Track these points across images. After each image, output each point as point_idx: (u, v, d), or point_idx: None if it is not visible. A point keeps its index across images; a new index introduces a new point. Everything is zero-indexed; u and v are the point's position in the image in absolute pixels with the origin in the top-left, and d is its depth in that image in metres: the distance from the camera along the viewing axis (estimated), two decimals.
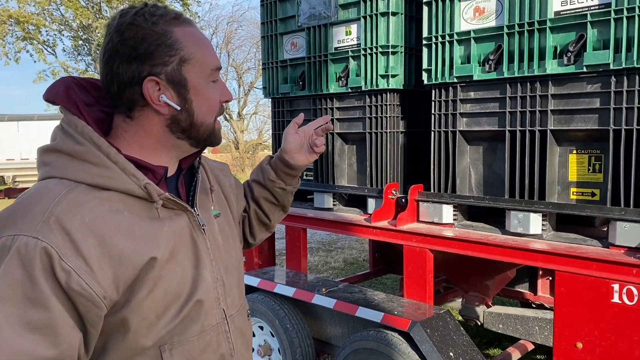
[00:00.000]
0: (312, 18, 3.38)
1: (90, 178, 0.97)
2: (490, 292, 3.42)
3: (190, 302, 1.05)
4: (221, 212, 1.25)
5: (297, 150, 1.43)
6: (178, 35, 1.04)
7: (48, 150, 1.02)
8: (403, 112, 3.18)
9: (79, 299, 0.90)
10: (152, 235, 1.00)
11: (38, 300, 0.87)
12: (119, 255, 0.94)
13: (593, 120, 2.35)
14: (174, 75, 1.04)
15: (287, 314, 3.08)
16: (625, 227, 2.23)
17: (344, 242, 8.04)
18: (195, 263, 1.08)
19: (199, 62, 1.07)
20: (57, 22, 20.45)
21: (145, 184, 1.00)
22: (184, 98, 1.06)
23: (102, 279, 0.92)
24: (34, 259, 0.87)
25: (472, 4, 2.64)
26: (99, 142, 0.99)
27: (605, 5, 2.26)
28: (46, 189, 0.96)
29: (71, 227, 0.91)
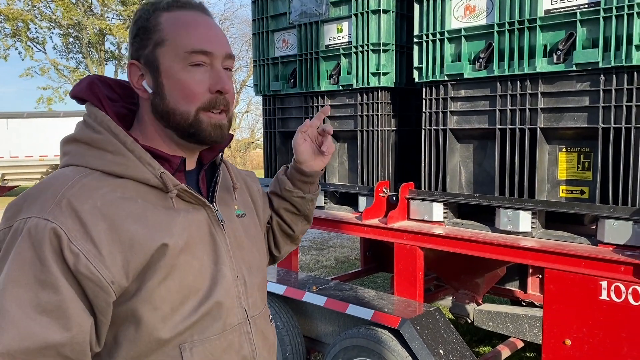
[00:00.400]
0: (304, 15, 3.37)
1: (105, 165, 0.98)
2: (481, 290, 3.44)
3: (209, 299, 1.02)
4: (247, 213, 1.23)
5: (310, 158, 1.37)
6: (162, 18, 1.04)
7: (69, 140, 1.04)
8: (394, 110, 3.19)
9: (87, 282, 0.89)
10: (165, 223, 0.99)
11: (48, 282, 0.86)
12: (130, 240, 0.93)
13: (582, 118, 2.36)
14: (149, 57, 1.04)
15: (278, 311, 3.08)
16: (613, 224, 2.24)
17: (335, 240, 8.05)
18: (215, 259, 1.06)
19: (173, 44, 1.02)
20: (47, 20, 20.29)
21: (160, 173, 1.00)
22: (156, 81, 1.04)
23: (110, 264, 0.91)
24: (43, 240, 0.87)
25: (463, 2, 2.64)
26: (116, 130, 1.00)
27: (594, 4, 2.27)
28: (62, 175, 0.97)
29: (82, 210, 0.91)
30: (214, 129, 1.06)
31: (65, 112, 15.48)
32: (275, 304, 3.11)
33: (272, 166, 3.75)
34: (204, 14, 1.08)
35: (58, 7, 18.94)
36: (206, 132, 1.05)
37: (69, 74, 21.88)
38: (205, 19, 1.07)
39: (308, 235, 8.38)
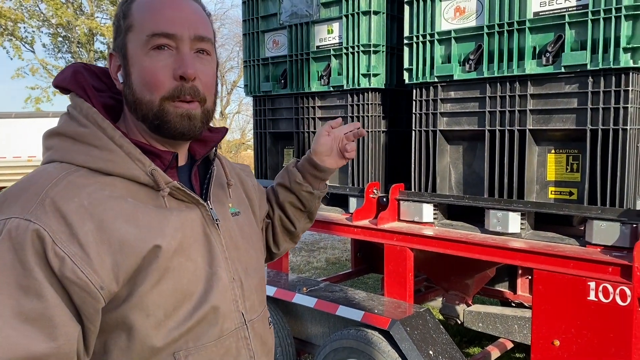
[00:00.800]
0: (294, 16, 3.37)
1: (92, 162, 0.92)
2: (471, 291, 3.45)
3: (205, 304, 0.96)
4: (242, 211, 1.17)
5: (327, 153, 1.35)
6: (135, 3, 0.97)
7: (52, 134, 0.96)
8: (384, 111, 3.19)
9: (74, 288, 0.83)
10: (157, 223, 0.92)
11: (31, 288, 0.80)
12: (120, 242, 0.87)
13: (571, 120, 2.37)
14: (120, 46, 0.98)
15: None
16: (601, 226, 2.26)
17: (326, 241, 8.04)
18: (209, 260, 1.00)
19: (138, 27, 0.95)
20: (36, 19, 20.13)
21: (151, 170, 0.93)
22: (125, 70, 0.98)
23: (99, 267, 0.85)
24: (25, 243, 0.80)
25: (453, 4, 2.65)
26: (103, 124, 0.93)
27: (582, 7, 2.29)
28: (44, 172, 0.90)
29: (68, 210, 0.84)
30: (181, 120, 0.96)
31: (54, 113, 15.33)
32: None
33: (263, 167, 3.74)
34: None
35: (49, 6, 18.78)
36: (171, 124, 0.96)
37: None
38: (177, 0, 0.98)
39: None
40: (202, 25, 0.99)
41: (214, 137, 1.11)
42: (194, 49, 0.97)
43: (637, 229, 2.16)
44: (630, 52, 2.18)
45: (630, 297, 2.07)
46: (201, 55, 0.99)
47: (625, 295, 2.08)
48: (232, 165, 1.26)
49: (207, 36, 1.00)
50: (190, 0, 1.00)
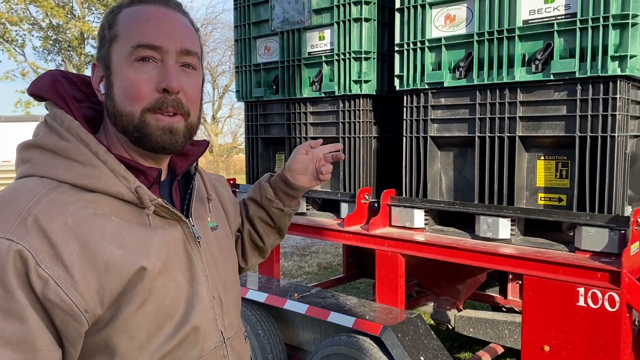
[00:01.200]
0: (286, 23, 3.38)
1: (75, 178, 0.88)
2: (462, 296, 3.46)
3: (186, 324, 0.94)
4: (219, 225, 1.15)
5: (302, 172, 1.33)
6: (122, 14, 0.95)
7: (29, 146, 0.92)
8: (376, 117, 3.20)
9: (57, 311, 0.80)
10: (142, 244, 0.90)
11: (13, 311, 0.77)
12: (105, 263, 0.84)
13: (560, 127, 2.40)
14: (104, 56, 0.96)
15: (259, 319, 3.06)
16: (590, 232, 2.28)
17: (318, 246, 8.04)
18: (190, 279, 0.97)
19: (122, 38, 0.93)
20: (26, 21, 20.00)
21: (136, 188, 0.91)
22: (107, 81, 0.95)
23: (84, 290, 0.81)
24: (6, 264, 0.77)
25: (443, 12, 2.67)
26: (86, 138, 0.90)
27: (571, 15, 2.31)
28: (24, 188, 0.86)
29: (51, 229, 0.81)
30: (163, 133, 0.94)
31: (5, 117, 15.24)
32: (257, 312, 3.10)
33: (254, 172, 3.74)
34: (168, 7, 0.97)
35: (43, 9, 18.65)
36: (152, 137, 0.93)
37: None
38: (163, 12, 0.96)
39: (290, 241, 8.36)
40: (189, 39, 0.97)
41: (195, 151, 1.09)
42: (179, 62, 0.95)
43: (625, 235, 2.18)
44: (617, 60, 2.21)
45: (619, 303, 2.09)
46: (187, 69, 0.97)
47: (614, 301, 2.10)
48: (209, 176, 1.24)
49: (194, 50, 0.98)
50: (178, 14, 0.99)
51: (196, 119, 1.00)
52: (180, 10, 1.00)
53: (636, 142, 2.57)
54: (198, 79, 1.00)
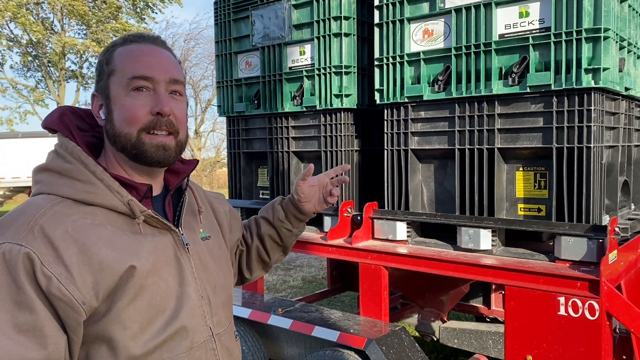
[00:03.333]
0: (266, 38, 3.40)
1: (76, 194, 1.03)
2: (445, 307, 3.47)
3: (176, 320, 1.07)
4: (212, 235, 1.28)
5: (307, 200, 1.49)
6: (116, 52, 1.12)
7: (40, 169, 1.09)
8: (357, 131, 3.22)
9: (59, 303, 0.94)
10: (133, 247, 1.04)
11: (24, 303, 0.92)
12: (100, 263, 0.98)
13: (537, 138, 2.44)
14: (103, 88, 1.12)
15: (243, 335, 3.03)
16: (569, 241, 2.31)
17: (303, 260, 8.01)
18: (180, 280, 1.11)
19: (119, 72, 1.10)
20: (6, 39, 19.80)
21: (128, 201, 1.06)
22: (107, 108, 1.11)
23: (81, 285, 0.96)
24: (17, 264, 0.92)
25: (421, 26, 2.72)
26: (86, 160, 1.06)
27: (545, 29, 2.37)
28: (34, 203, 1.02)
29: (54, 235, 0.96)
30: (157, 150, 1.10)
31: (23, 133, 15.06)
32: (241, 327, 3.07)
33: (237, 187, 3.73)
34: (155, 45, 1.15)
35: (22, 26, 18.48)
36: (148, 153, 1.10)
37: (28, 93, 21.35)
38: (153, 49, 1.13)
39: None
40: (175, 70, 1.15)
41: (186, 169, 1.25)
42: (168, 90, 1.12)
43: (604, 244, 2.22)
44: (591, 72, 2.26)
45: (599, 311, 2.11)
46: (174, 95, 1.14)
47: (594, 310, 2.13)
48: (205, 193, 1.38)
49: (180, 79, 1.15)
50: (165, 50, 1.16)
51: (184, 137, 1.17)
52: (166, 47, 1.18)
53: (612, 152, 2.62)
54: (184, 104, 1.18)
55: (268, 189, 3.55)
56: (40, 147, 12.34)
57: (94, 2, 19.63)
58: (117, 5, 19.46)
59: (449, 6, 2.60)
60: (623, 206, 2.83)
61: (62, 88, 21.20)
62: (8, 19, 18.40)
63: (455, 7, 2.58)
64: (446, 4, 2.62)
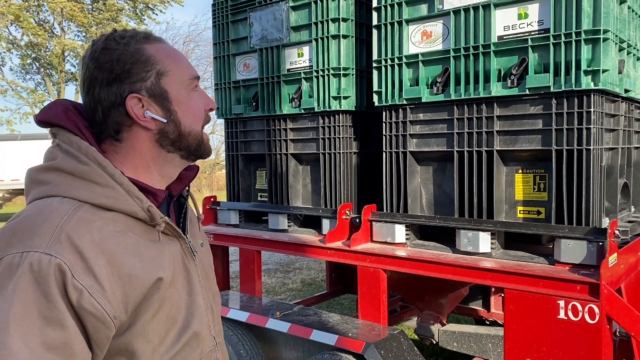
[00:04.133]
0: (265, 40, 3.38)
1: (95, 198, 0.97)
2: (445, 310, 3.46)
3: (188, 330, 1.05)
4: (203, 241, 1.27)
5: None
6: (151, 51, 1.06)
7: (47, 168, 1.00)
8: (356, 133, 3.21)
9: (90, 318, 0.88)
10: (157, 257, 1.00)
11: (55, 319, 0.85)
12: (129, 275, 0.94)
13: (536, 140, 2.42)
14: (154, 89, 1.06)
15: (241, 339, 3.01)
16: (569, 244, 2.29)
17: (302, 262, 7.99)
18: (189, 290, 1.09)
19: (176, 73, 1.08)
20: (5, 41, 19.81)
21: (148, 207, 1.01)
22: (168, 110, 1.07)
23: (112, 299, 0.91)
24: (48, 276, 0.86)
25: (420, 28, 2.70)
26: (103, 162, 0.99)
27: (544, 31, 2.35)
28: (51, 207, 0.94)
29: (82, 245, 0.90)
30: (208, 142, 1.16)
31: (23, 135, 15.06)
32: (239, 331, 3.05)
33: (235, 189, 3.71)
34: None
35: (25, 30, 18.49)
36: (207, 147, 1.15)
37: (28, 95, 21.36)
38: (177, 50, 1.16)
39: (274, 257, 8.30)
40: None
41: (188, 175, 1.21)
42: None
43: (603, 247, 2.20)
44: (590, 74, 2.25)
45: (599, 315, 2.10)
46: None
47: (594, 313, 2.11)
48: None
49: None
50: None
51: None
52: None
53: (611, 155, 2.61)
54: None
55: (266, 191, 3.54)
56: (40, 149, 12.32)
57: (92, 4, 19.61)
58: (118, 7, 19.45)
59: (448, 8, 2.59)
60: (623, 209, 2.82)
61: (62, 90, 21.20)
62: (9, 22, 18.41)
63: (453, 9, 2.57)
64: (445, 5, 2.60)
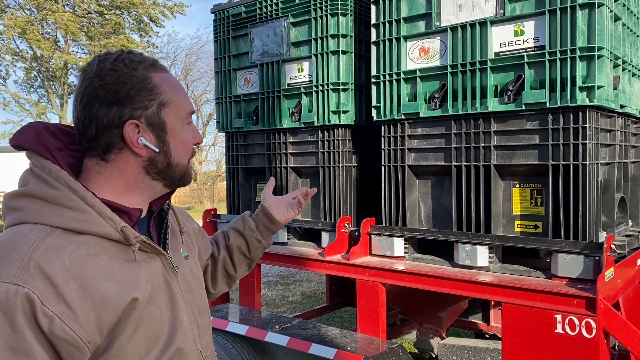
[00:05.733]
0: (265, 55, 3.43)
1: (66, 222, 0.96)
2: (444, 323, 3.46)
3: (171, 347, 1.05)
4: (190, 254, 1.26)
5: (276, 207, 1.54)
6: (157, 80, 1.08)
7: (19, 195, 1.00)
8: (355, 147, 3.24)
9: (62, 344, 0.88)
10: (132, 277, 1.00)
11: (21, 349, 0.85)
12: (102, 297, 0.93)
13: (533, 155, 2.45)
14: (153, 118, 1.07)
15: (240, 352, 3.02)
16: (566, 258, 2.31)
17: (302, 275, 7.98)
18: (172, 305, 1.08)
19: (177, 106, 1.11)
20: (11, 53, 19.97)
21: (122, 227, 1.00)
22: (162, 140, 1.09)
23: (85, 323, 0.90)
24: (15, 306, 0.85)
25: (418, 44, 2.74)
26: (74, 186, 0.98)
27: (540, 48, 2.39)
28: (21, 235, 0.94)
29: (52, 271, 0.89)
30: (191, 173, 1.19)
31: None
32: (238, 344, 3.05)
33: (235, 202, 3.73)
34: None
35: (30, 42, 18.63)
36: (189, 177, 1.17)
37: (31, 108, 21.49)
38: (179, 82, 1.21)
39: (274, 269, 8.29)
40: None
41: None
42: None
43: (600, 262, 2.21)
44: (586, 90, 2.28)
45: (596, 329, 2.11)
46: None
47: (591, 328, 2.12)
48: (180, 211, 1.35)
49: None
50: None
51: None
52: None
53: (608, 169, 2.63)
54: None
55: None
56: None
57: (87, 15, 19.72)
58: (116, 21, 19.55)
59: (445, 25, 2.63)
60: (620, 223, 2.83)
61: (66, 103, 21.30)
62: (17, 35, 18.56)
63: (451, 26, 2.61)
64: (442, 22, 2.64)
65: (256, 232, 1.51)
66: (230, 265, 1.52)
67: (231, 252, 1.51)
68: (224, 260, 1.51)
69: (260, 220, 1.53)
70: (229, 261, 1.52)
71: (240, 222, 1.54)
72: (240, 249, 1.51)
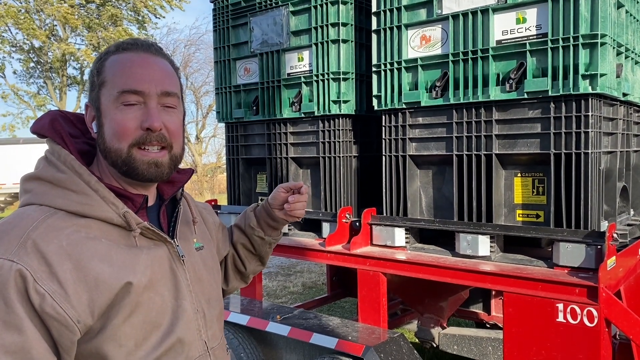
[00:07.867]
0: (265, 44, 3.40)
1: (69, 205, 0.99)
2: (445, 313, 3.46)
3: (171, 335, 1.05)
4: (205, 245, 1.25)
5: (279, 207, 1.43)
6: (108, 61, 1.06)
7: (30, 178, 1.04)
8: (355, 137, 3.22)
9: (52, 322, 0.90)
10: (129, 262, 1.00)
11: (12, 323, 0.87)
12: (95, 279, 0.95)
13: (535, 144, 2.43)
14: (94, 100, 1.07)
15: (241, 342, 3.02)
16: (567, 247, 2.30)
17: (303, 265, 7.99)
18: (175, 294, 1.08)
19: (109, 84, 1.05)
20: (8, 44, 19.88)
21: (124, 213, 1.02)
22: (98, 122, 1.07)
23: (76, 303, 0.92)
24: (8, 281, 0.88)
25: (419, 33, 2.72)
26: (80, 170, 1.02)
27: (542, 35, 2.37)
28: (25, 215, 0.98)
29: (47, 250, 0.92)
30: (149, 167, 1.05)
31: (24, 139, 15.12)
32: (239, 334, 3.06)
33: (235, 193, 3.73)
34: (149, 53, 1.09)
35: (24, 31, 18.52)
36: (140, 170, 1.05)
37: (30, 99, 21.44)
38: (146, 58, 1.07)
39: (275, 260, 8.30)
40: (169, 81, 1.08)
41: (181, 178, 1.20)
42: (161, 103, 1.06)
43: (602, 250, 2.21)
44: (588, 78, 2.26)
45: (597, 318, 2.10)
46: (166, 109, 1.08)
47: (593, 317, 2.12)
48: (195, 203, 1.34)
49: (173, 91, 1.09)
50: (159, 57, 1.10)
51: (179, 150, 1.11)
52: (161, 53, 1.11)
53: (610, 158, 2.62)
54: (179, 115, 1.12)
55: (267, 195, 3.54)
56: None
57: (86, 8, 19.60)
58: (112, 12, 19.39)
59: (447, 12, 2.60)
60: (622, 212, 2.82)
61: (64, 94, 21.25)
62: (10, 25, 18.45)
63: (452, 14, 2.58)
64: (443, 10, 2.62)
65: (257, 229, 1.46)
66: (238, 261, 1.49)
67: (237, 249, 1.49)
68: (233, 257, 1.49)
69: (261, 216, 1.47)
70: (237, 258, 1.49)
71: (242, 219, 1.50)
72: (245, 245, 1.48)
